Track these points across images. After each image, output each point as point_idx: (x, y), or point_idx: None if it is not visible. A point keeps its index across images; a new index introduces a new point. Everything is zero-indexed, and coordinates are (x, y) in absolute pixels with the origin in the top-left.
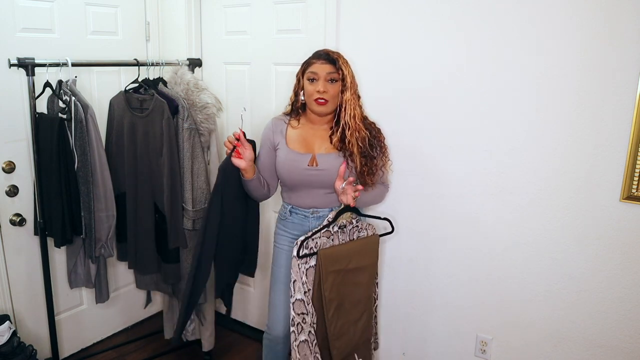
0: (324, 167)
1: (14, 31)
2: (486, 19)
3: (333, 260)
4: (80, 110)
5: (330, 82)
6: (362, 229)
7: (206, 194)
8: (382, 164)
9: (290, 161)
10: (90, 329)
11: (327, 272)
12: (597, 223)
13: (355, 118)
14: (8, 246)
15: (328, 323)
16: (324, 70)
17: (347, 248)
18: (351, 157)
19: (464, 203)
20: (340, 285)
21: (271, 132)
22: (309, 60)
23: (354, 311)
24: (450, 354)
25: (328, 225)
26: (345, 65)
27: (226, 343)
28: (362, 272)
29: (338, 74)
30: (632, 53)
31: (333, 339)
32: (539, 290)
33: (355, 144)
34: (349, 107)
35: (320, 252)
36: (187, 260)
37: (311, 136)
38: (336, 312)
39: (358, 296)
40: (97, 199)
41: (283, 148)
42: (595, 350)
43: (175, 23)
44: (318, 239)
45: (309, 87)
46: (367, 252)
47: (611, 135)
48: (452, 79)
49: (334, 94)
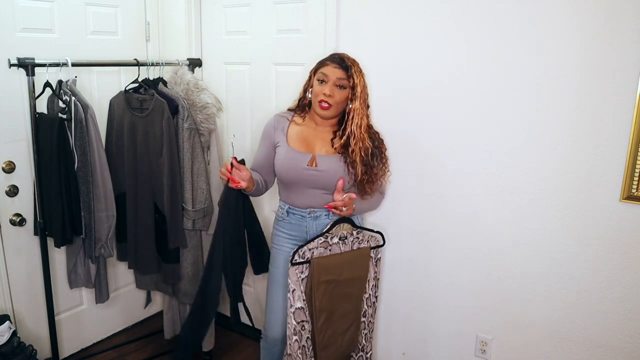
0: (323, 168)
1: (14, 31)
2: (486, 19)
3: (325, 270)
4: (80, 110)
5: (338, 87)
6: (362, 241)
7: (206, 193)
8: (382, 174)
9: (290, 159)
10: (90, 329)
11: (319, 282)
12: (597, 223)
13: (361, 128)
14: (8, 246)
15: (317, 332)
16: (335, 75)
17: (339, 259)
18: (352, 165)
19: (464, 203)
20: (331, 296)
21: (272, 129)
22: (323, 61)
23: (343, 322)
24: (450, 354)
25: (323, 234)
26: (357, 74)
27: (226, 343)
28: (353, 284)
29: (348, 82)
30: (632, 53)
31: (320, 348)
32: (539, 290)
33: (359, 153)
34: (356, 117)
35: (314, 260)
36: (187, 260)
37: (313, 136)
38: (326, 322)
39: (348, 307)
40: (97, 199)
41: (283, 146)
42: (595, 350)
43: (175, 23)
44: (315, 249)
45: (317, 87)
46: (359, 264)
47: (611, 135)
48: (452, 78)
49: (339, 100)
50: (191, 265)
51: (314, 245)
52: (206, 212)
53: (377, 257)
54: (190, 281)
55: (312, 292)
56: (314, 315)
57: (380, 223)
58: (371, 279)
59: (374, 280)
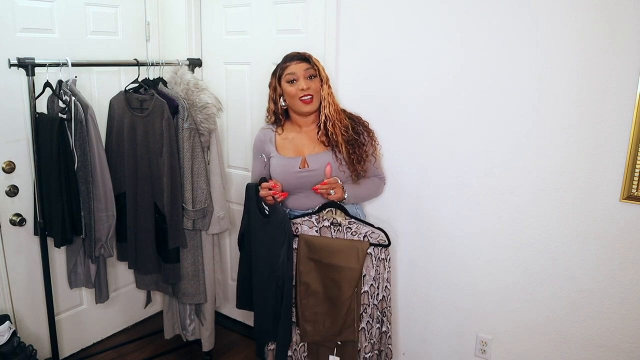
0: (315, 167)
1: (14, 31)
2: (486, 18)
3: (310, 248)
4: (80, 110)
5: (309, 78)
6: (359, 234)
7: (206, 193)
8: (373, 150)
9: (282, 166)
10: (90, 329)
11: (305, 257)
12: (597, 223)
13: (335, 109)
14: (8, 246)
15: (299, 303)
16: (302, 69)
17: (330, 243)
18: (337, 147)
19: (464, 203)
20: (320, 276)
21: (261, 143)
22: (281, 65)
23: (328, 305)
24: (450, 354)
25: (310, 214)
26: (317, 62)
27: (226, 343)
28: (340, 272)
29: (314, 70)
30: (632, 53)
31: (302, 320)
32: (539, 290)
33: (339, 133)
34: (329, 100)
35: (300, 236)
36: (187, 260)
37: (300, 140)
38: (311, 297)
39: (336, 293)
40: (97, 198)
41: (275, 156)
42: (595, 350)
43: (175, 23)
44: (300, 224)
45: (290, 89)
46: (351, 255)
47: (611, 135)
48: (452, 78)
49: (316, 89)
50: (191, 265)
51: (298, 221)
52: (206, 212)
53: (379, 256)
54: (190, 281)
55: (298, 263)
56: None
57: (380, 223)
58: (370, 278)
59: (374, 281)
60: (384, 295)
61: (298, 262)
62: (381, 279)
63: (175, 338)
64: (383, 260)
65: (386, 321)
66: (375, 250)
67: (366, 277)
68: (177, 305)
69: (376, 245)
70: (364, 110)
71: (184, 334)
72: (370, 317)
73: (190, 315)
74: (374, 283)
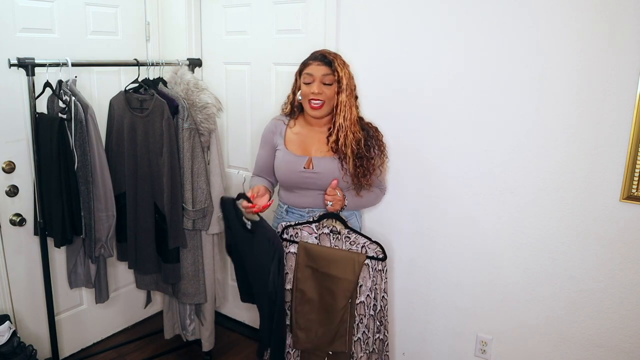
0: (319, 170)
1: (14, 31)
2: (487, 19)
3: (308, 256)
4: (80, 110)
5: (325, 85)
6: (353, 243)
7: (206, 193)
8: (380, 163)
9: (287, 163)
10: (90, 329)
11: (303, 264)
12: (597, 223)
13: (349, 120)
14: (8, 246)
15: (294, 310)
16: (320, 72)
17: (329, 252)
18: (345, 159)
19: (464, 203)
20: (317, 284)
21: (271, 134)
22: (305, 61)
23: (323, 314)
24: (450, 354)
25: (311, 222)
26: (341, 67)
27: (226, 343)
28: (336, 282)
29: (334, 76)
30: (632, 53)
31: (296, 327)
32: (539, 290)
33: (349, 146)
34: (343, 109)
35: (300, 243)
36: (187, 260)
37: (309, 138)
38: (307, 305)
39: (330, 302)
40: (97, 198)
41: (282, 149)
42: (595, 350)
43: (175, 23)
44: (299, 230)
45: (304, 89)
46: (348, 267)
47: (611, 135)
48: (452, 79)
49: (329, 95)
50: (191, 265)
51: (298, 227)
52: (206, 212)
53: (376, 267)
54: (190, 281)
55: (295, 270)
56: (293, 292)
57: (380, 223)
58: (367, 289)
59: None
60: (382, 306)
61: (296, 269)
62: (378, 289)
63: (175, 338)
64: (380, 272)
65: (383, 329)
66: (372, 261)
67: (363, 287)
68: (177, 305)
69: (372, 258)
70: (364, 110)
71: (184, 334)
72: (367, 327)
73: (190, 315)
74: (370, 294)
